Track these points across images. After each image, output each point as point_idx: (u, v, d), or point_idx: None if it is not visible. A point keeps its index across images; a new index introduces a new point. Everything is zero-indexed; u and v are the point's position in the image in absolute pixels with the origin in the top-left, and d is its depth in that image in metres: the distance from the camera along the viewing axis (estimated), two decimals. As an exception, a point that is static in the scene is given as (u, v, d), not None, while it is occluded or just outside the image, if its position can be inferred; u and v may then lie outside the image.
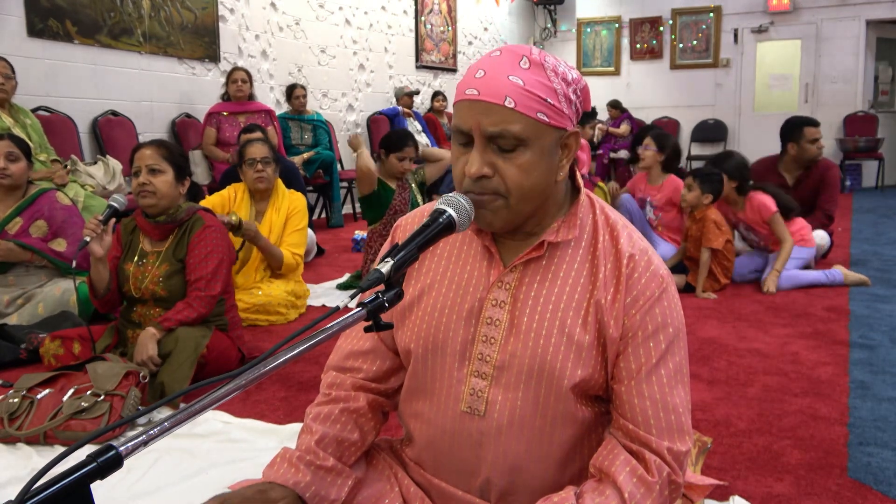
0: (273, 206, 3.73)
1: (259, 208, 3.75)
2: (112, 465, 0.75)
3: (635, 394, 1.08)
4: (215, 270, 2.59)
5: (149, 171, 2.55)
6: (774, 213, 4.03)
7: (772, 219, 4.04)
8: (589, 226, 1.16)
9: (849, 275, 4.08)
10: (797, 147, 4.56)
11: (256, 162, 3.62)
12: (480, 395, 1.14)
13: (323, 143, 6.63)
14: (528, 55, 1.05)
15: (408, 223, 1.28)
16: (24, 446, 2.06)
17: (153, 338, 2.44)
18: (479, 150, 1.05)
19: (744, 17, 10.21)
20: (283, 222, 3.70)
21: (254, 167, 3.62)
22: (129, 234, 2.71)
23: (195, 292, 2.56)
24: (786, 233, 4.04)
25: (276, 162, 3.72)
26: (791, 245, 4.02)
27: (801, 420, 2.21)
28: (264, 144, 3.71)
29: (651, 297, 1.10)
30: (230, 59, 6.29)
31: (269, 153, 3.68)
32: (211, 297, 2.57)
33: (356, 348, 1.28)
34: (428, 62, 9.17)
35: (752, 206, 4.12)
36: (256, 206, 3.75)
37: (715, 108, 10.52)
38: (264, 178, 3.64)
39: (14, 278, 3.21)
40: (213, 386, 0.84)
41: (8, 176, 3.12)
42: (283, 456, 1.19)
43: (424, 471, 1.24)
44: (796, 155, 4.58)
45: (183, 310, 2.52)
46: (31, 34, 4.71)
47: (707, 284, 3.96)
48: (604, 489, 1.05)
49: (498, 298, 1.14)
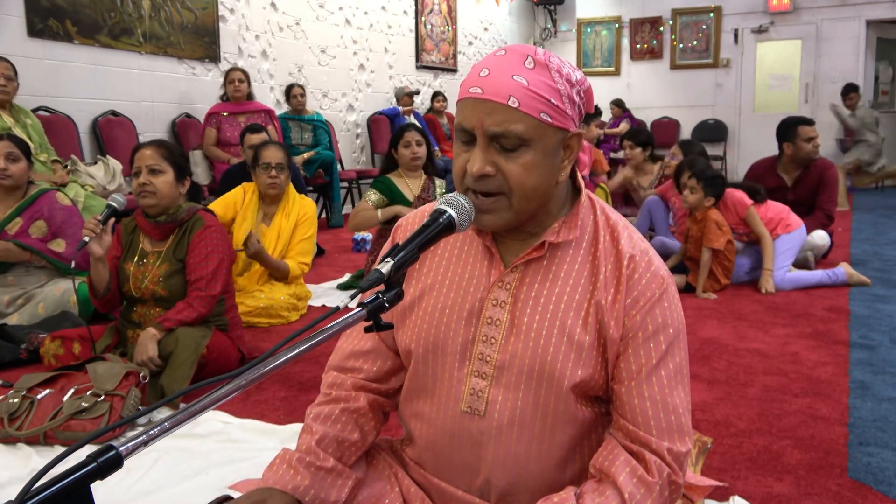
0: (283, 210, 3.70)
1: (268, 211, 3.72)
2: (112, 465, 0.76)
3: (635, 394, 1.08)
4: (215, 270, 2.59)
5: (149, 172, 2.55)
6: (749, 206, 4.06)
7: (748, 214, 4.07)
8: (590, 226, 1.16)
9: (853, 274, 4.08)
10: (793, 147, 4.57)
11: (271, 167, 3.60)
12: (480, 395, 1.14)
13: (323, 144, 6.63)
14: (532, 55, 1.05)
15: (409, 223, 1.28)
16: (24, 446, 2.07)
17: (153, 338, 2.44)
18: (482, 149, 1.05)
19: (744, 17, 10.22)
20: (293, 227, 3.67)
21: (268, 172, 3.60)
22: (130, 234, 2.71)
23: (195, 292, 2.56)
24: (761, 227, 4.04)
25: (289, 168, 3.71)
26: (769, 240, 4.03)
27: (801, 420, 2.21)
28: (280, 149, 3.69)
29: (651, 298, 1.10)
30: (230, 60, 6.29)
31: (284, 159, 3.67)
32: (211, 297, 2.58)
33: (357, 348, 1.28)
34: (428, 62, 9.17)
35: (727, 206, 4.10)
36: (266, 210, 3.72)
37: (715, 109, 10.52)
38: (277, 185, 3.63)
39: (14, 278, 3.21)
40: (213, 386, 0.84)
41: (8, 176, 3.12)
42: (282, 458, 1.19)
43: (425, 471, 1.24)
44: (792, 154, 4.59)
45: (183, 310, 2.52)
46: (31, 34, 4.71)
47: (707, 285, 3.96)
48: (604, 489, 1.05)
49: (498, 298, 1.14)
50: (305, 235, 3.67)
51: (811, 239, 4.48)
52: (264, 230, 3.66)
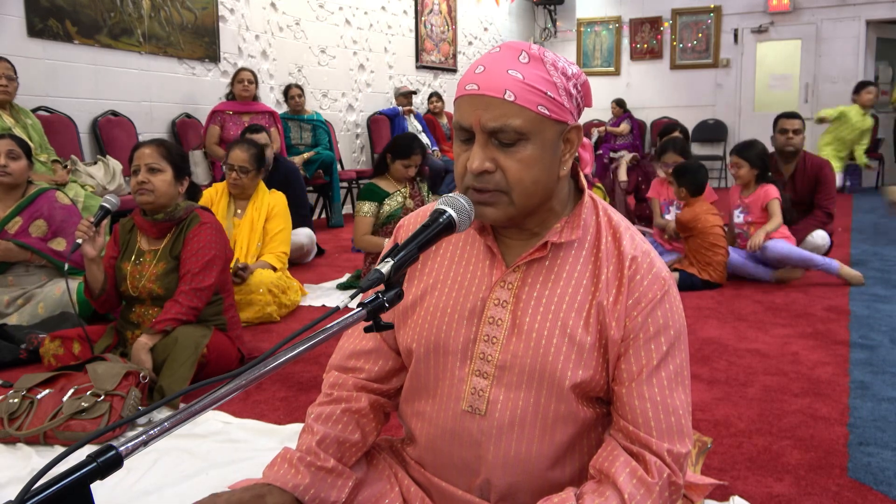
0: (253, 203, 3.87)
1: (239, 206, 3.88)
2: (112, 465, 0.76)
3: (636, 395, 1.08)
4: (206, 265, 2.55)
5: (148, 170, 2.55)
6: (774, 198, 4.18)
7: (770, 203, 4.19)
8: (592, 227, 1.16)
9: (846, 269, 4.09)
10: (775, 139, 4.73)
11: (234, 168, 3.75)
12: (482, 394, 1.14)
13: (323, 144, 6.62)
14: (527, 50, 1.06)
15: (410, 223, 1.28)
16: (24, 446, 2.06)
17: (145, 349, 2.42)
18: (481, 145, 1.05)
19: (744, 17, 10.21)
20: (264, 220, 3.82)
21: (230, 173, 3.76)
22: (127, 234, 2.70)
23: (182, 286, 2.53)
24: (778, 214, 4.18)
25: (257, 170, 3.82)
26: (779, 221, 4.17)
27: (801, 420, 2.21)
28: (248, 151, 3.78)
29: (653, 300, 1.10)
30: (230, 60, 6.29)
31: (250, 163, 3.76)
32: (198, 290, 2.53)
33: (358, 348, 1.28)
34: (428, 62, 9.17)
35: (758, 192, 4.26)
36: (236, 204, 3.89)
37: (715, 109, 10.52)
38: (238, 185, 3.80)
39: (14, 278, 3.21)
40: (213, 386, 0.84)
41: (8, 174, 3.12)
42: (283, 456, 1.19)
43: (425, 470, 1.24)
44: (777, 147, 4.73)
45: (171, 308, 2.49)
46: (31, 34, 4.71)
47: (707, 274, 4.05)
48: (604, 490, 1.05)
49: (500, 298, 1.14)
50: (278, 229, 3.84)
51: (811, 239, 4.49)
52: (237, 222, 3.83)
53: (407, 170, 3.93)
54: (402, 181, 4.00)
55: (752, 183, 4.31)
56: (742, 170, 4.29)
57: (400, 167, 3.93)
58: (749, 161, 4.25)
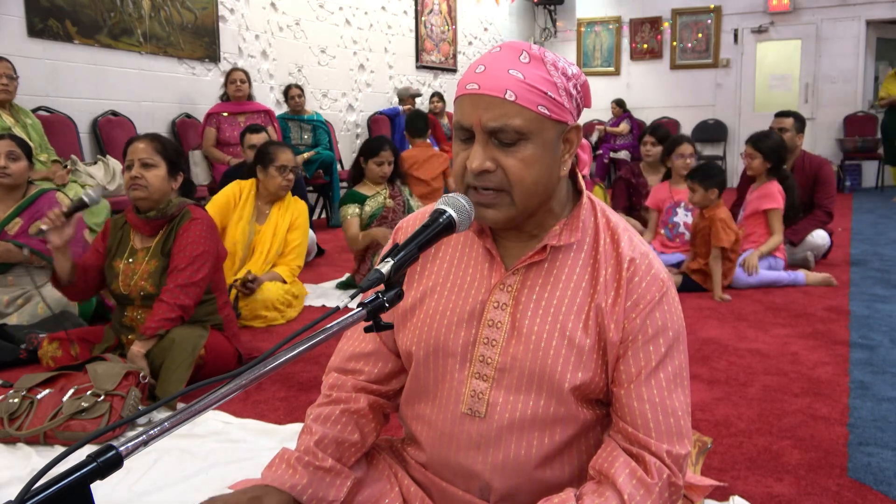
0: (279, 209, 3.77)
1: (264, 209, 3.76)
2: (112, 465, 0.76)
3: (635, 397, 1.08)
4: (193, 260, 2.50)
5: (141, 165, 2.50)
6: (776, 209, 4.08)
7: (772, 213, 4.10)
8: (590, 228, 1.16)
9: (812, 276, 4.10)
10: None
11: (288, 170, 3.69)
12: (481, 396, 1.14)
13: (323, 144, 6.63)
14: (527, 50, 1.06)
15: (409, 224, 1.28)
16: (24, 446, 2.06)
17: (140, 357, 2.39)
18: (481, 145, 1.05)
19: (744, 17, 10.21)
20: (287, 227, 3.74)
21: (285, 174, 3.69)
22: (119, 231, 2.66)
23: (169, 284, 2.48)
24: (779, 228, 4.09)
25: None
26: (780, 240, 4.09)
27: (801, 420, 2.21)
28: (293, 153, 3.80)
29: (651, 301, 1.10)
30: (230, 59, 6.29)
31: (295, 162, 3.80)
32: (185, 287, 2.46)
33: (358, 350, 1.28)
34: (428, 62, 9.17)
35: (763, 190, 4.15)
36: (262, 208, 3.77)
37: (715, 109, 10.52)
38: (290, 187, 3.75)
39: (14, 278, 3.21)
40: (213, 386, 0.84)
41: (8, 175, 3.11)
42: (281, 457, 1.19)
43: (426, 470, 1.24)
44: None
45: (159, 309, 2.44)
46: (31, 34, 4.71)
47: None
48: (603, 491, 1.05)
49: (500, 300, 1.14)
50: (297, 242, 3.76)
51: (811, 239, 4.48)
52: (259, 228, 3.71)
53: (380, 168, 3.97)
54: (379, 183, 4.04)
55: (764, 175, 4.21)
56: (755, 161, 4.18)
57: (374, 167, 3.97)
58: (763, 153, 4.15)
